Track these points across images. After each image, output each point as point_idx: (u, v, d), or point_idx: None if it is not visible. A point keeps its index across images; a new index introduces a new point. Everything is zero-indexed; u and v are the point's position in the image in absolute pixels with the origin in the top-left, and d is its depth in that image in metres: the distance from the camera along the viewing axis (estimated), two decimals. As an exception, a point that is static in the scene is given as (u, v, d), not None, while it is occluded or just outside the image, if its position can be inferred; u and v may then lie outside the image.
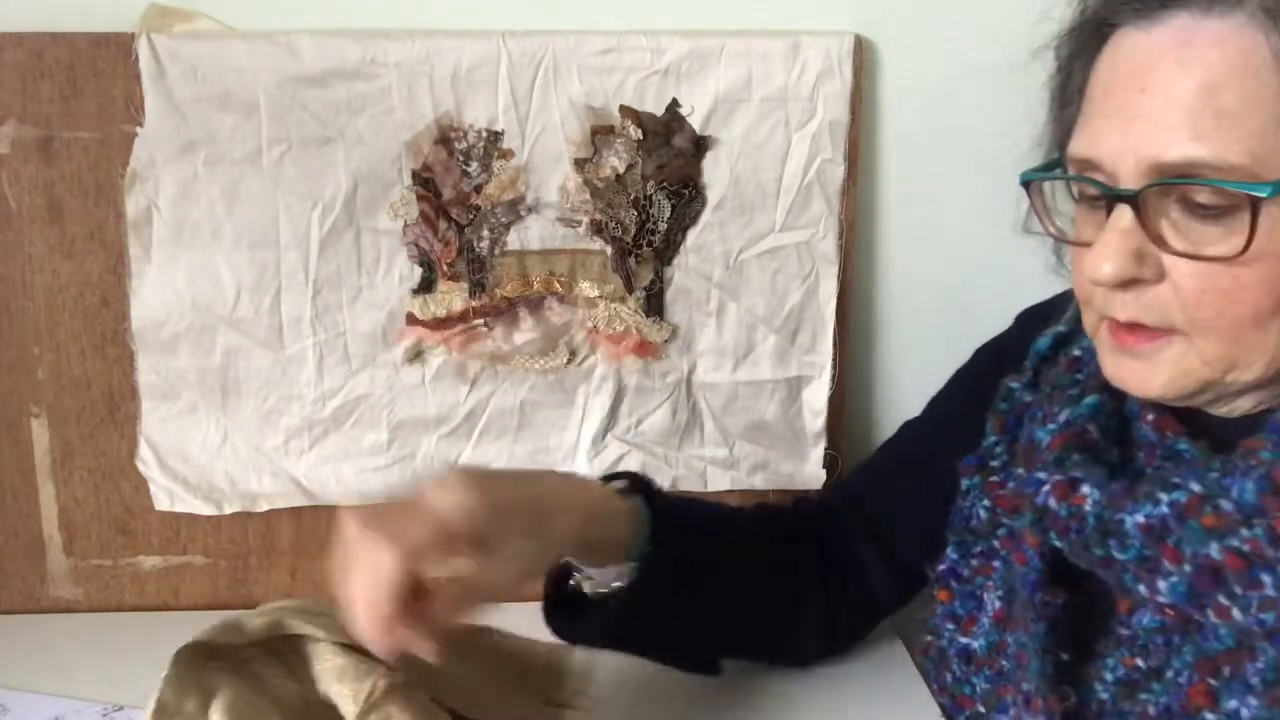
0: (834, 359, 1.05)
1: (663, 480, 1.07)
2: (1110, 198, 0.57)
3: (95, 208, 0.98)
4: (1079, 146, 0.60)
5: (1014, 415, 0.76)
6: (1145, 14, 0.56)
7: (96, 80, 0.95)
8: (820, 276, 1.04)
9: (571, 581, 0.79)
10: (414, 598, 0.59)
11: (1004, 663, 0.70)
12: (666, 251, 1.02)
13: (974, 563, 0.75)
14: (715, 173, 1.01)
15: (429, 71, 0.97)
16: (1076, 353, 0.73)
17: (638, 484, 0.80)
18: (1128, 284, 0.57)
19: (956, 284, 1.06)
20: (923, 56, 1.01)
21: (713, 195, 1.01)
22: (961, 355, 0.90)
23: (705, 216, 1.02)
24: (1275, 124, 0.53)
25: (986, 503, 0.75)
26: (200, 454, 1.03)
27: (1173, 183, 0.55)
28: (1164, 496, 0.60)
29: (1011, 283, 1.04)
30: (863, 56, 1.00)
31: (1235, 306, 0.56)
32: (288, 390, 1.02)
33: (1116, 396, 0.68)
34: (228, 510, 1.03)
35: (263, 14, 0.96)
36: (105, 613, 1.04)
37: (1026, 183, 0.65)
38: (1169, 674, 0.61)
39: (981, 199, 1.05)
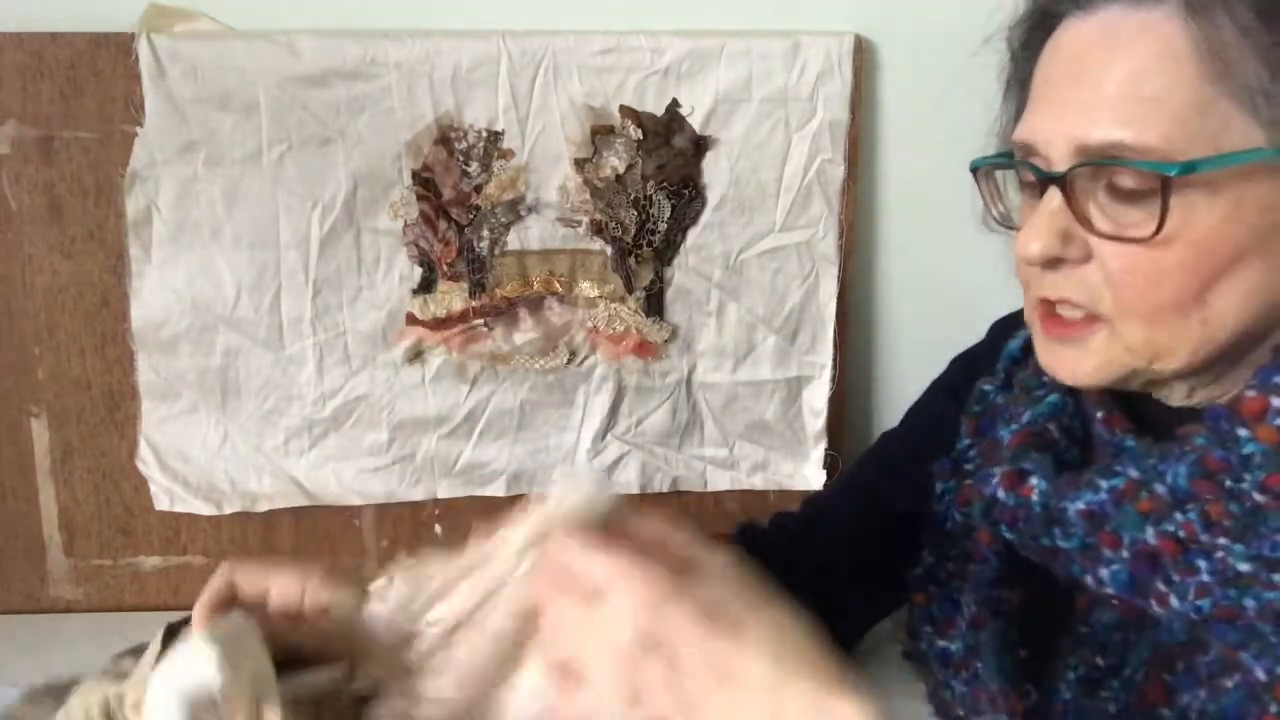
0: (834, 359, 1.05)
1: (663, 480, 1.07)
2: (1042, 180, 0.58)
3: (95, 208, 0.98)
4: (1021, 132, 0.61)
5: (986, 417, 0.76)
6: (1084, 4, 0.59)
7: (96, 80, 0.95)
8: (820, 276, 1.04)
9: None
10: None
11: (978, 664, 0.70)
12: (666, 251, 1.02)
13: (950, 566, 0.76)
14: (715, 173, 1.01)
15: (429, 71, 0.97)
16: None
17: None
18: (1055, 263, 0.59)
19: (956, 284, 1.06)
20: (923, 56, 1.01)
21: (713, 195, 1.01)
22: (962, 355, 0.90)
23: (705, 216, 1.02)
24: (1193, 109, 0.54)
25: (960, 505, 0.76)
26: (200, 454, 1.03)
27: (1095, 164, 0.56)
28: (1103, 483, 0.61)
29: (1011, 283, 1.03)
30: (863, 56, 1.00)
31: (1156, 290, 0.56)
32: (288, 390, 1.02)
33: (1078, 395, 0.68)
34: (228, 510, 1.03)
35: (263, 14, 0.96)
36: (105, 613, 1.04)
37: (975, 170, 0.67)
38: (1126, 671, 0.62)
39: (982, 199, 1.05)
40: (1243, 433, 0.58)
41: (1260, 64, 0.53)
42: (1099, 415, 0.66)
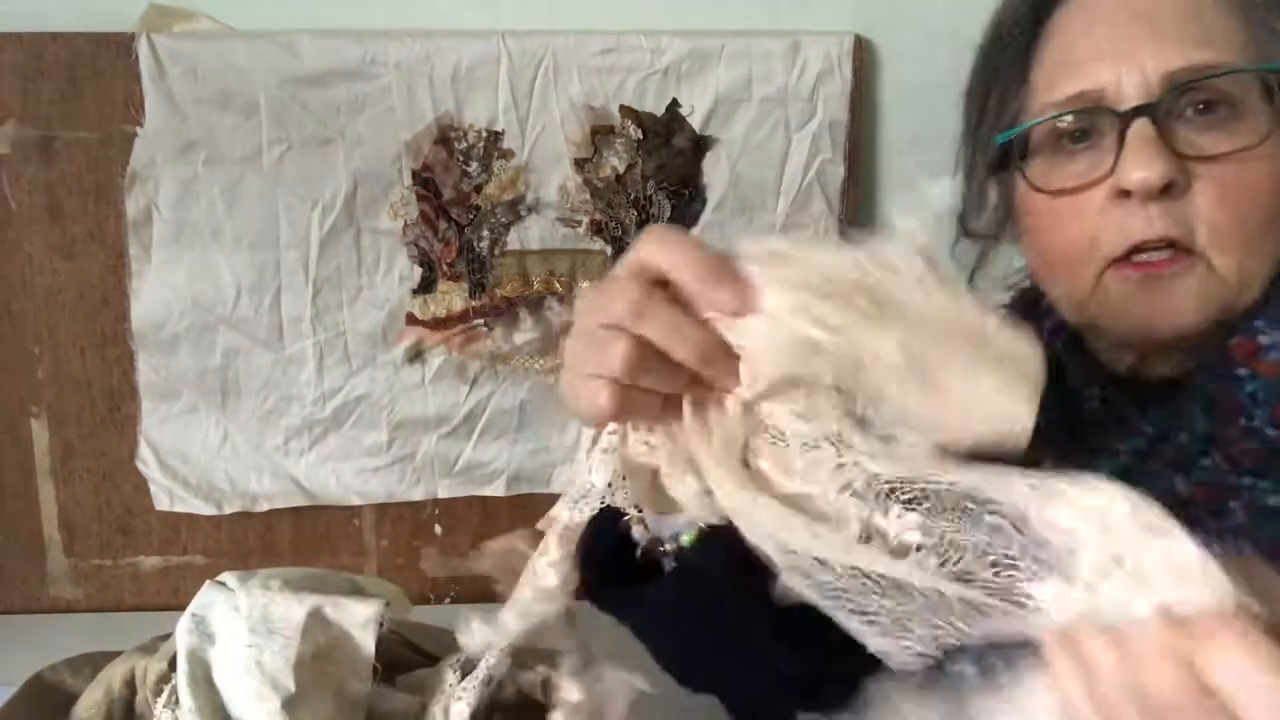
0: (834, 359, 1.05)
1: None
2: (1126, 115, 0.57)
3: (95, 208, 0.98)
4: (1064, 87, 0.60)
5: None
6: None
7: (96, 80, 0.95)
8: (820, 276, 1.04)
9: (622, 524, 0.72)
10: None
11: None
12: (666, 251, 1.02)
13: None
14: (715, 173, 1.01)
15: (429, 71, 0.97)
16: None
17: None
18: (1163, 192, 0.57)
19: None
20: (923, 56, 1.01)
21: (713, 195, 1.01)
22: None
23: (705, 216, 1.02)
24: (1246, 33, 0.58)
25: None
26: (200, 454, 1.03)
27: (1194, 81, 0.56)
28: (1122, 446, 0.61)
29: (1011, 283, 1.03)
30: (863, 56, 1.00)
31: (1255, 210, 0.57)
32: (288, 390, 1.02)
33: (1058, 379, 0.68)
34: (228, 510, 1.03)
35: (263, 14, 0.96)
36: (105, 613, 1.04)
37: (1005, 144, 0.65)
38: None
39: (982, 199, 1.05)
40: (1242, 372, 0.57)
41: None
42: (1095, 393, 0.64)
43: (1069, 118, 0.60)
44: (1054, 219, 0.61)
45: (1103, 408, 0.64)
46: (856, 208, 1.04)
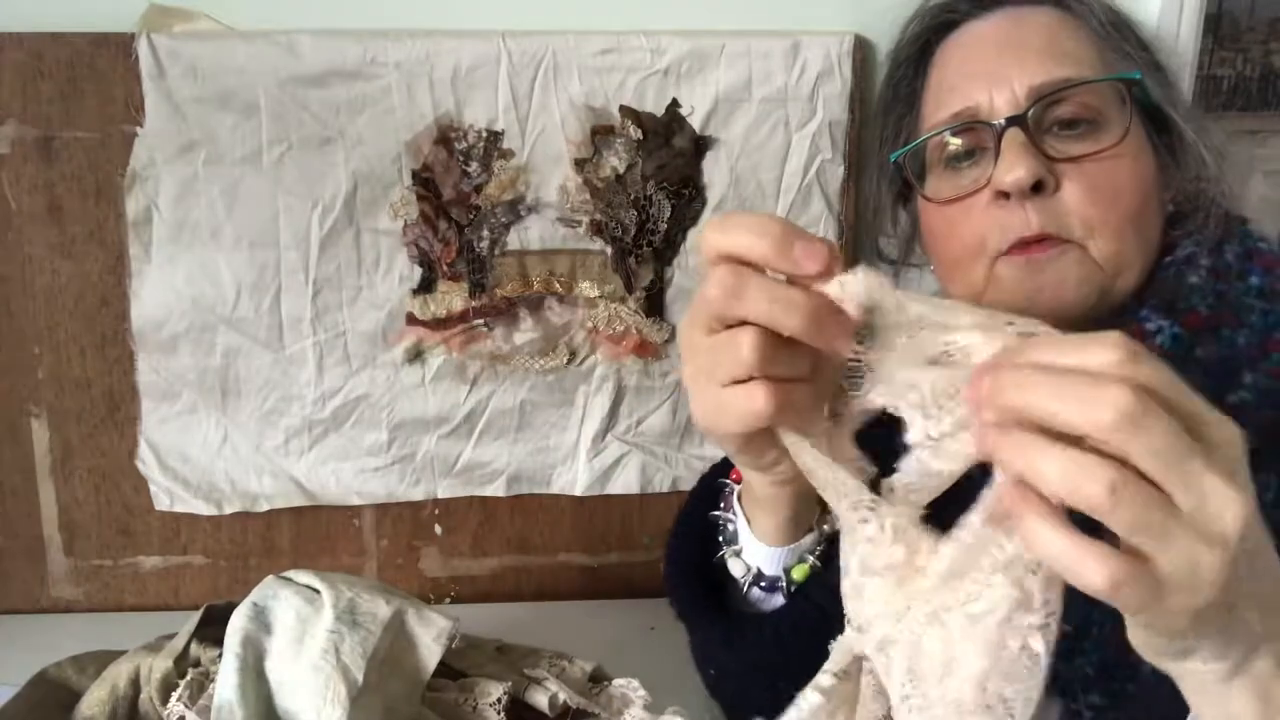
0: (834, 359, 1.05)
1: (663, 480, 1.07)
2: (1000, 127, 0.64)
3: (95, 208, 0.98)
4: (946, 108, 0.68)
5: None
6: (979, 10, 0.70)
7: (96, 80, 0.95)
8: (820, 276, 1.04)
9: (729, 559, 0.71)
10: None
11: None
12: (666, 251, 1.02)
13: None
14: (715, 173, 1.01)
15: (429, 71, 0.97)
16: None
17: None
18: (1034, 191, 0.63)
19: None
20: (923, 56, 1.01)
21: (713, 195, 1.01)
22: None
23: (705, 216, 1.02)
24: (1096, 52, 0.67)
25: None
26: (200, 454, 1.03)
27: (1055, 93, 0.64)
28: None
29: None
30: (862, 56, 1.00)
31: (1118, 202, 0.63)
32: (288, 390, 1.02)
33: None
34: (228, 510, 1.03)
35: (263, 14, 0.96)
36: (105, 613, 1.04)
37: (902, 166, 0.72)
38: (1094, 631, 0.62)
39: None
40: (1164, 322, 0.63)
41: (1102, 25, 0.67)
42: None
43: (948, 133, 0.67)
44: (949, 225, 0.68)
45: None
46: (856, 208, 1.04)
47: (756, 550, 0.67)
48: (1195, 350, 0.63)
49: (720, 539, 0.69)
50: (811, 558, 0.66)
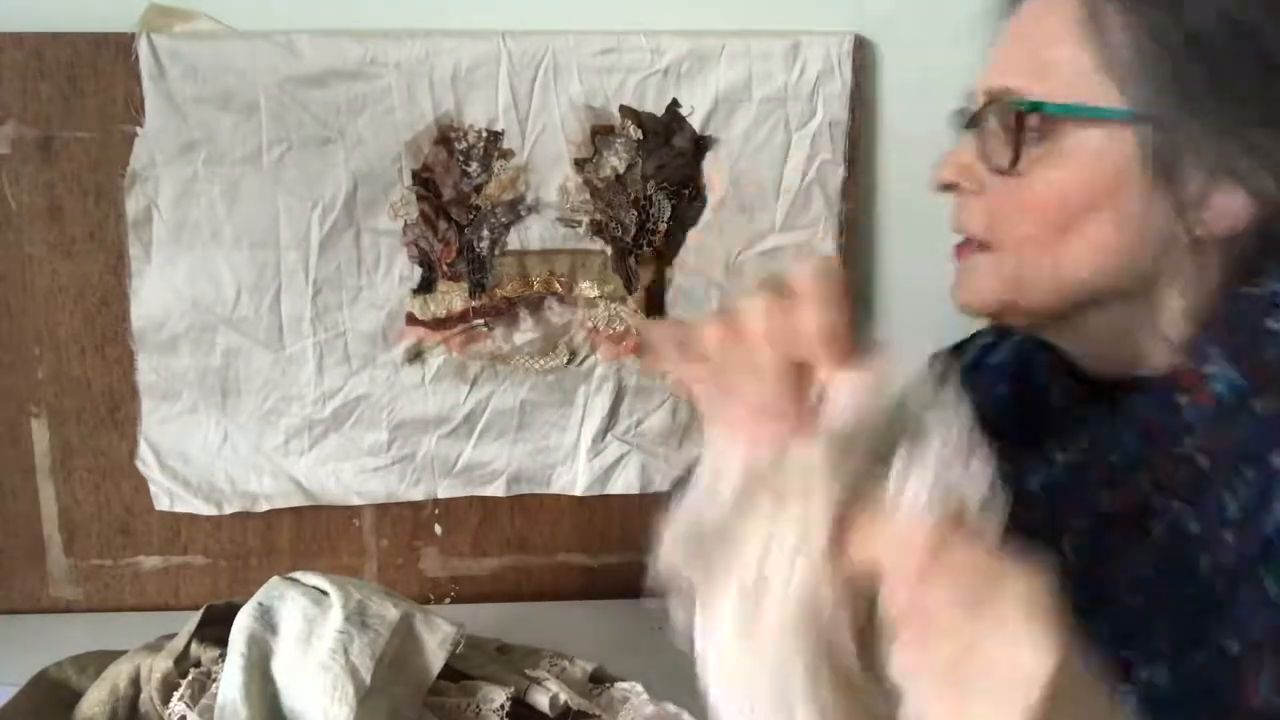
0: (834, 359, 1.05)
1: (663, 480, 1.07)
2: (967, 120, 0.66)
3: (95, 208, 0.98)
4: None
5: None
6: None
7: (96, 80, 0.95)
8: (820, 276, 1.04)
9: None
10: None
11: None
12: (667, 251, 1.02)
13: None
14: (715, 173, 1.01)
15: (429, 71, 0.97)
16: (999, 357, 0.76)
17: None
18: (954, 190, 0.66)
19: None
20: (923, 56, 1.01)
21: (713, 195, 1.01)
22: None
23: (705, 216, 1.02)
24: (1070, 67, 0.61)
25: None
26: (200, 454, 1.03)
27: (992, 102, 0.63)
28: (1059, 457, 0.64)
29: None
30: (863, 56, 1.00)
31: (1020, 223, 0.63)
32: (288, 390, 1.02)
33: (1022, 381, 0.72)
34: (228, 510, 1.03)
35: (263, 14, 0.96)
36: (105, 613, 1.04)
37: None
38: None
39: (981, 199, 1.05)
40: (1181, 399, 0.60)
41: (1127, 34, 0.59)
42: (1063, 382, 0.68)
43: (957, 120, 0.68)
44: None
45: (1061, 403, 0.68)
46: (856, 208, 1.04)
47: None
48: (1252, 402, 0.58)
49: None
50: None
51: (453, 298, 1.02)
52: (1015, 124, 0.61)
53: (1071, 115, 0.60)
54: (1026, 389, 0.71)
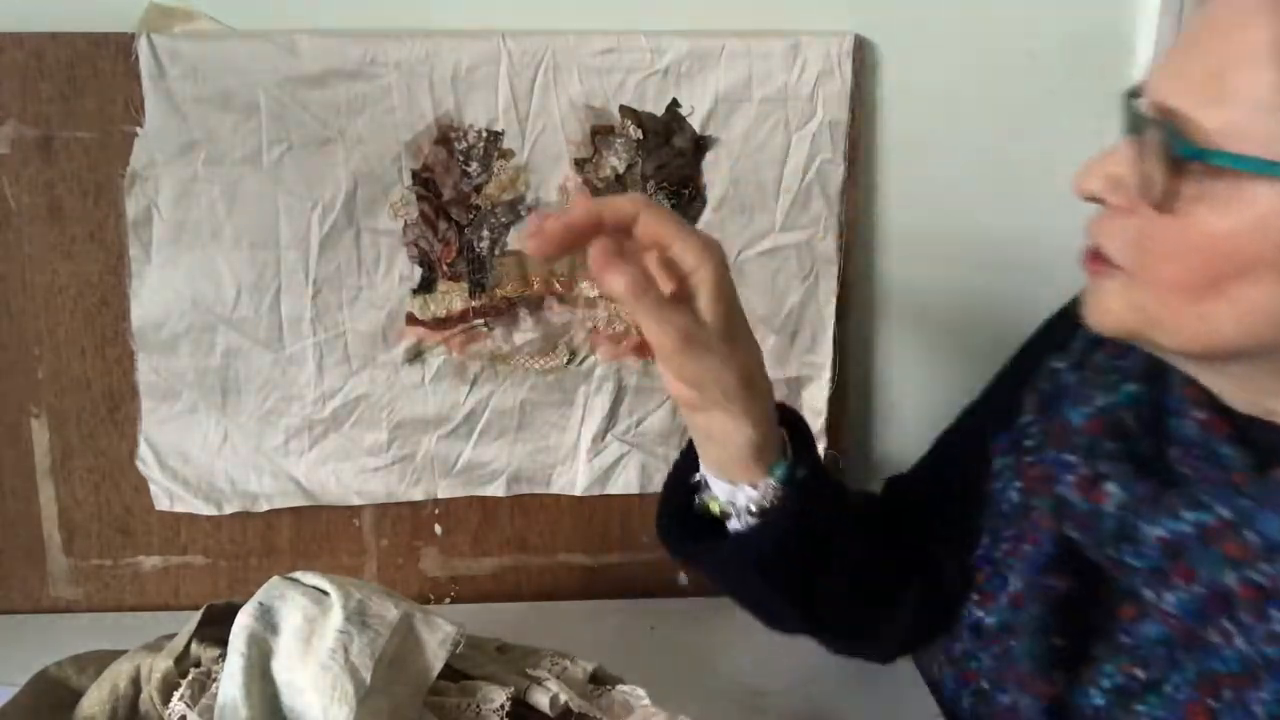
0: (834, 359, 1.05)
1: (663, 480, 1.07)
2: (1131, 123, 0.58)
3: (95, 208, 0.98)
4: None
5: (1054, 396, 0.73)
6: None
7: (96, 80, 0.95)
8: (820, 277, 1.04)
9: (698, 499, 0.75)
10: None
11: (1012, 643, 0.69)
12: (666, 251, 1.02)
13: (1004, 546, 0.74)
14: (715, 173, 1.01)
15: (429, 71, 0.97)
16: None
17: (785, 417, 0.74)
18: (1107, 204, 0.59)
19: (956, 284, 1.06)
20: (923, 56, 1.01)
21: (713, 195, 1.01)
22: (962, 355, 0.90)
23: (705, 216, 1.02)
24: (1256, 107, 0.52)
25: (1018, 484, 0.73)
26: (200, 454, 1.03)
27: (1159, 120, 0.55)
28: (1189, 515, 0.59)
29: (1011, 283, 1.04)
30: (863, 56, 1.00)
31: (1165, 264, 0.56)
32: (288, 390, 1.02)
33: (1156, 388, 0.66)
34: (228, 510, 1.04)
35: (263, 14, 0.96)
36: (105, 613, 1.04)
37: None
38: (1167, 688, 0.61)
39: (981, 199, 1.05)
40: None
41: None
42: (1197, 415, 0.63)
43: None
44: None
45: (1198, 430, 0.63)
46: (856, 208, 1.04)
47: (718, 487, 0.71)
48: None
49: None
50: (750, 491, 0.70)
51: (453, 298, 1.02)
52: (1173, 166, 0.54)
53: (1235, 168, 0.52)
54: (1157, 396, 0.66)
